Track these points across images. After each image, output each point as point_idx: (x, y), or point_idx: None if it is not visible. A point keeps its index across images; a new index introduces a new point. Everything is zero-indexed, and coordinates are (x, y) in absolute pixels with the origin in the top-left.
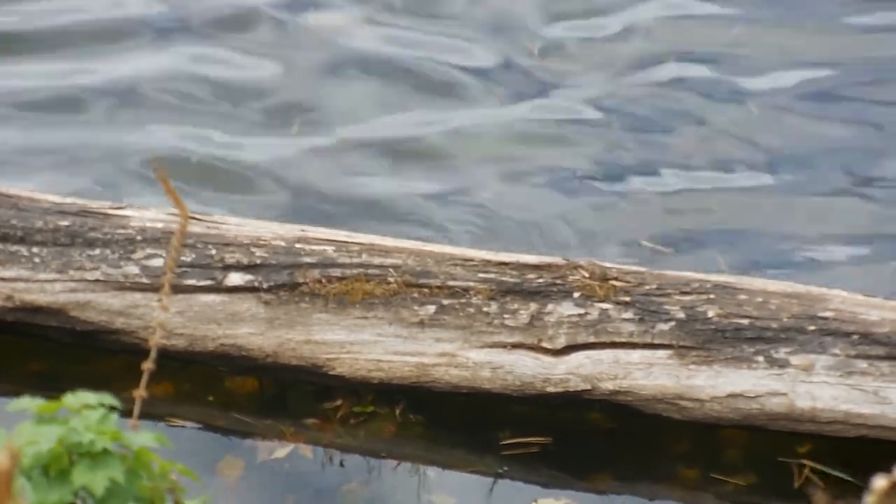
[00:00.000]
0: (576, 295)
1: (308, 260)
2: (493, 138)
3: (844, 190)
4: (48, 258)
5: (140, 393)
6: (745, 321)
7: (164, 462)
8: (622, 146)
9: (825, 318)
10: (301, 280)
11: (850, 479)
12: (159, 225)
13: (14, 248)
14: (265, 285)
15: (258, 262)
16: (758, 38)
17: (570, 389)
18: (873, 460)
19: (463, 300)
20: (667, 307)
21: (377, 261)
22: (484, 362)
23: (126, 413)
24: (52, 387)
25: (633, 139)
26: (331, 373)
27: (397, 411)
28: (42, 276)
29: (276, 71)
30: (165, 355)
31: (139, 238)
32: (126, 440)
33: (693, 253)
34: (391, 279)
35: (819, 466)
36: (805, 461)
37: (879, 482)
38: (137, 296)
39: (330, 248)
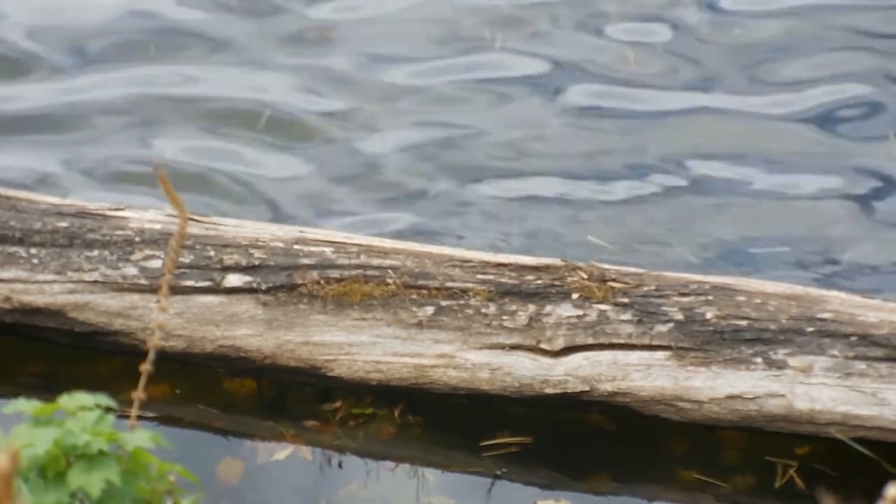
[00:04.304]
0: (574, 296)
1: (306, 261)
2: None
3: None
4: (46, 259)
5: (138, 394)
6: (744, 322)
7: (163, 463)
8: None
9: (823, 320)
10: (299, 281)
11: (840, 479)
12: (157, 226)
13: (12, 249)
14: (263, 286)
15: (257, 263)
16: None
17: (569, 391)
18: (869, 462)
19: (461, 301)
20: (665, 308)
21: (376, 262)
22: (482, 363)
23: (124, 415)
24: (50, 388)
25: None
26: (329, 374)
27: (396, 413)
28: (40, 277)
29: None
30: (164, 357)
31: (137, 239)
32: (122, 441)
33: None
34: (390, 280)
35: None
36: (790, 461)
37: (892, 490)
38: (136, 297)
39: (328, 250)
